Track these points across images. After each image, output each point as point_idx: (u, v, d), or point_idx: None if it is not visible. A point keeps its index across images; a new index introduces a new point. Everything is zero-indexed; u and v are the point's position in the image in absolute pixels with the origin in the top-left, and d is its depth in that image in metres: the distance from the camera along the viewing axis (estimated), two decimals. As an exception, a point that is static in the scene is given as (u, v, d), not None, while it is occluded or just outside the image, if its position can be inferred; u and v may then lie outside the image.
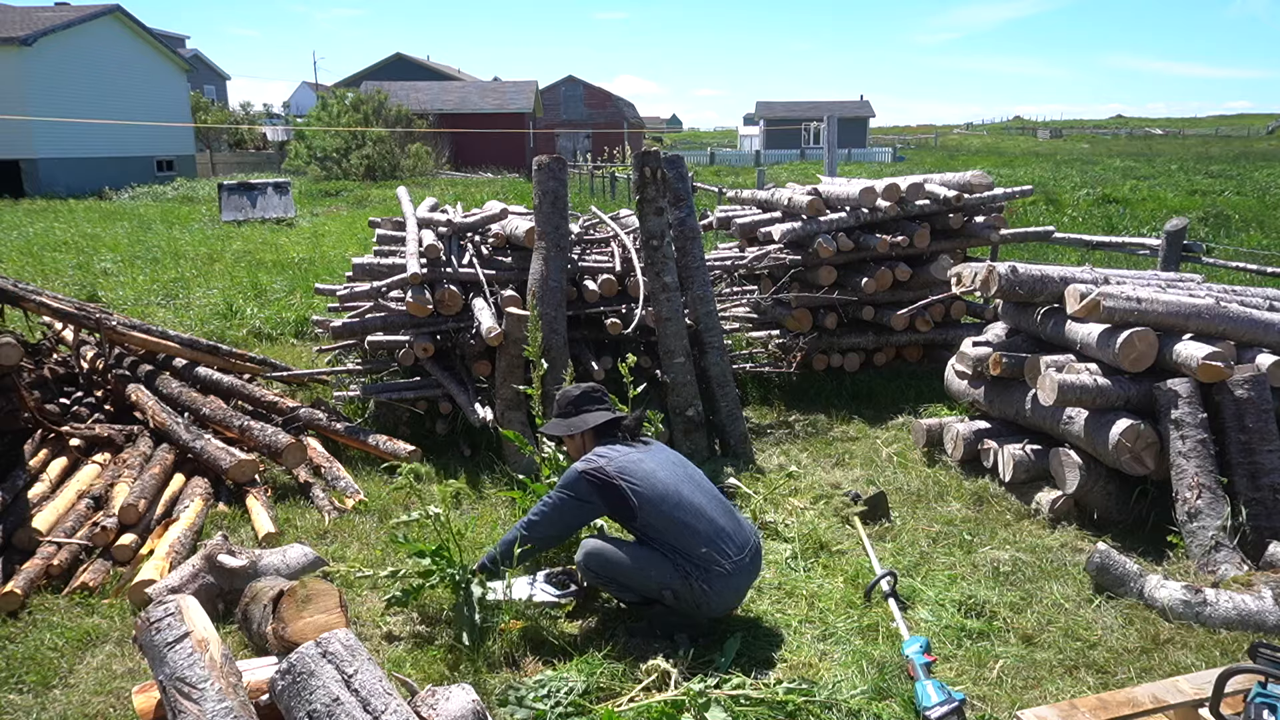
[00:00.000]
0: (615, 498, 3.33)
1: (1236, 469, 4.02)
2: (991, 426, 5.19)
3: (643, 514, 3.31)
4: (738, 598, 3.44)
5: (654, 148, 6.17)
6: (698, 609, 3.30)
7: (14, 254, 13.21)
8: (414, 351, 5.55)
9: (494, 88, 46.37)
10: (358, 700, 2.32)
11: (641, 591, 3.40)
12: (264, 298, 9.88)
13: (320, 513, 4.66)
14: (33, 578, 3.80)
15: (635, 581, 3.36)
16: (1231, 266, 7.63)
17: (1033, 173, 27.40)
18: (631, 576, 3.36)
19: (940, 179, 7.20)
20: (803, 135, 55.43)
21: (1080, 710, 2.57)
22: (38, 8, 30.98)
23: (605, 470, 3.35)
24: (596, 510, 3.44)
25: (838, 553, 4.16)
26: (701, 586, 3.25)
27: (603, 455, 3.43)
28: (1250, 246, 11.12)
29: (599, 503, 3.38)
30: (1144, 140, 60.21)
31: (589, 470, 3.37)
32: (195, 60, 52.10)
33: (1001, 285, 4.91)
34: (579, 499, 3.40)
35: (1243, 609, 3.43)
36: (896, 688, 3.07)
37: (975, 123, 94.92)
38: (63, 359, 5.85)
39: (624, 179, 22.45)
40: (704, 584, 3.25)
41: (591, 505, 3.40)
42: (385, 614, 3.59)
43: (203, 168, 35.95)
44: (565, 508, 3.42)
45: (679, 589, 3.27)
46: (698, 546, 3.26)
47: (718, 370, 5.47)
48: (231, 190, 19.47)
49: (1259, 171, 26.97)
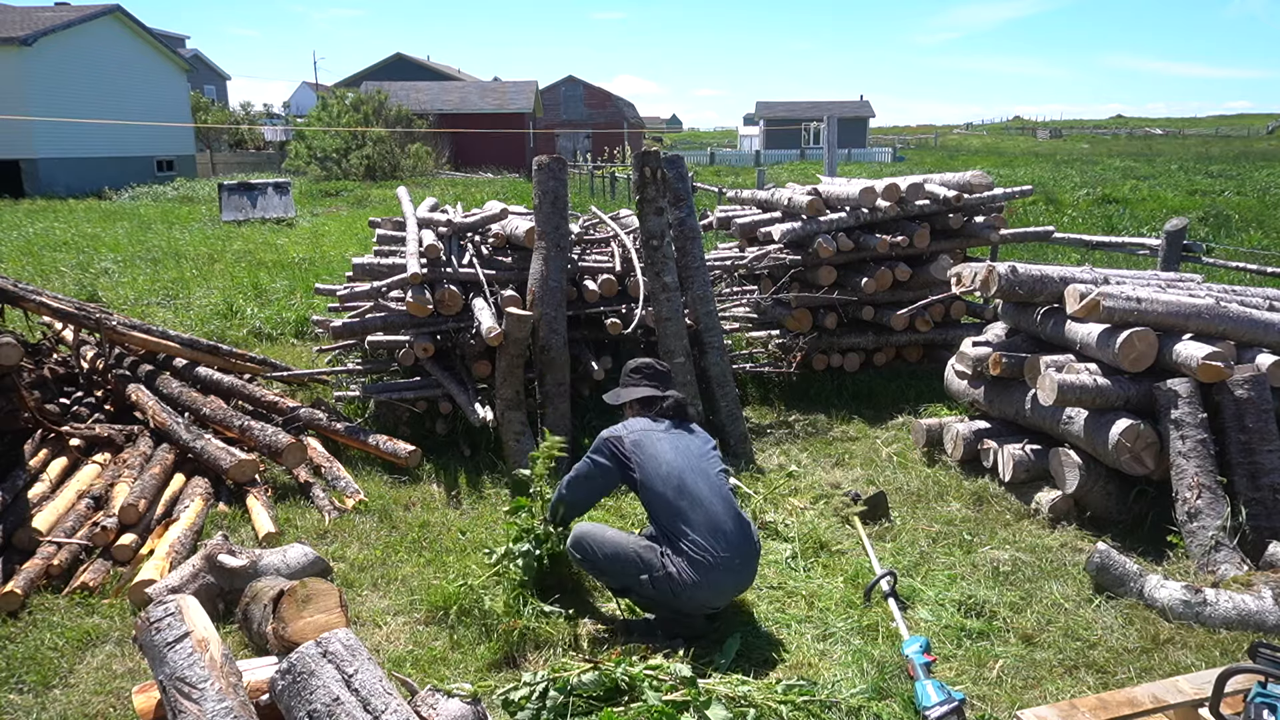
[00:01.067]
0: (623, 467, 3.53)
1: (1236, 469, 4.02)
2: (991, 426, 5.19)
3: (642, 489, 3.46)
4: (719, 596, 3.41)
5: (654, 148, 6.17)
6: (674, 597, 3.32)
7: (14, 254, 13.21)
8: (414, 351, 5.55)
9: (494, 88, 46.36)
10: (358, 700, 2.32)
11: (619, 577, 3.46)
12: (264, 298, 9.88)
13: (320, 513, 4.66)
14: (33, 578, 3.80)
15: (613, 567, 3.44)
16: (1231, 266, 7.63)
17: (1032, 173, 27.42)
18: (611, 561, 3.44)
19: (940, 179, 7.20)
20: (803, 135, 55.41)
21: (1080, 710, 2.56)
22: (38, 8, 31.00)
23: (622, 441, 3.56)
24: (613, 476, 3.59)
25: (837, 552, 4.17)
26: (681, 576, 3.28)
27: (628, 427, 3.63)
28: (1250, 246, 11.12)
29: (615, 469, 3.56)
30: (1144, 140, 60.21)
31: (610, 438, 3.60)
32: (195, 60, 52.12)
33: (1001, 285, 4.91)
34: (601, 464, 3.59)
35: (1243, 609, 3.43)
36: (896, 687, 3.07)
37: (975, 123, 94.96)
38: (63, 359, 5.85)
39: (624, 179, 22.46)
40: (683, 572, 3.28)
41: (610, 470, 3.57)
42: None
43: (203, 168, 35.94)
44: (590, 471, 3.64)
45: (657, 576, 3.31)
46: (687, 533, 3.31)
47: (718, 370, 5.47)
48: (231, 190, 19.46)
49: (1259, 171, 26.98)
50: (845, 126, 45.46)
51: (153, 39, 33.59)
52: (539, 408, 5.28)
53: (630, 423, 3.67)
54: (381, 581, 3.96)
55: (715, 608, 3.47)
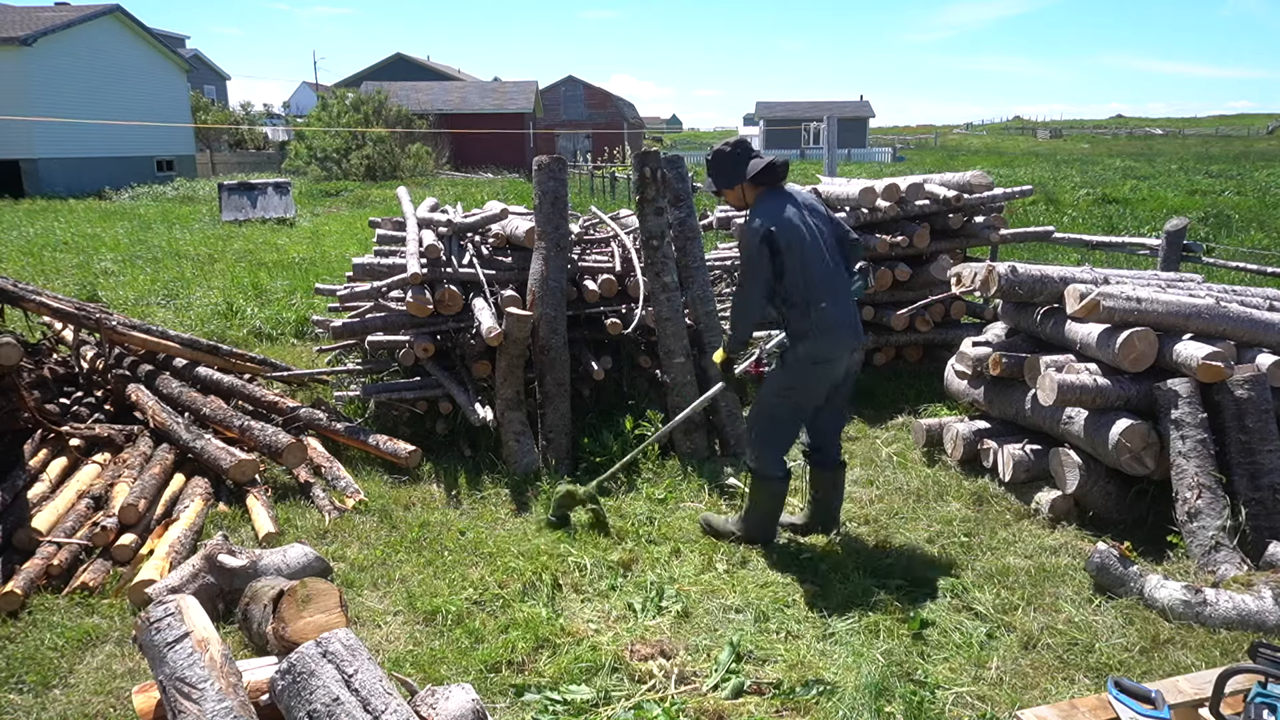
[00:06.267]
0: (772, 246, 3.82)
1: (1236, 469, 4.02)
2: (991, 426, 5.19)
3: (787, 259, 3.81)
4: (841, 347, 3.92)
5: (654, 148, 6.16)
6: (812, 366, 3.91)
7: (14, 254, 13.20)
8: (414, 351, 5.55)
9: (494, 88, 46.35)
10: (358, 700, 2.32)
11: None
12: (264, 298, 9.88)
13: (320, 513, 4.66)
14: (33, 578, 3.80)
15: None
16: (1231, 266, 7.63)
17: (1032, 173, 27.41)
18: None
19: (940, 179, 7.20)
20: (802, 135, 55.37)
21: (1080, 710, 2.56)
22: (38, 8, 30.95)
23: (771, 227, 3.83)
24: (767, 261, 3.84)
25: (840, 550, 4.16)
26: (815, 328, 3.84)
27: (762, 212, 3.88)
28: (1250, 246, 11.12)
29: (767, 252, 3.82)
30: (1144, 140, 60.18)
31: (756, 226, 3.85)
32: (195, 60, 52.08)
33: (1001, 285, 4.91)
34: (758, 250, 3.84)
35: (1243, 609, 3.43)
36: (897, 687, 3.07)
37: (975, 123, 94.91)
38: (63, 359, 5.85)
39: (624, 179, 22.45)
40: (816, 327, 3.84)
41: (764, 255, 3.83)
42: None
43: (203, 168, 35.90)
44: (754, 265, 3.87)
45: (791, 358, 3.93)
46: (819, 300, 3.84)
47: (718, 370, 5.46)
48: (232, 190, 19.45)
49: (1259, 171, 26.98)
50: (845, 126, 45.40)
51: (153, 39, 33.57)
52: (539, 408, 5.28)
53: (761, 210, 3.89)
54: (381, 581, 3.95)
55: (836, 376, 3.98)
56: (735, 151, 4.05)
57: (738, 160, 4.03)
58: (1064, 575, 3.92)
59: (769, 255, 3.82)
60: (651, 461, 5.21)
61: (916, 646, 3.37)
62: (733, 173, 4.03)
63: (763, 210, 3.89)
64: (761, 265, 3.83)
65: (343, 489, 4.90)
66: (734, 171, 4.03)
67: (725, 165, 4.06)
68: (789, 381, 4.00)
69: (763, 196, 3.97)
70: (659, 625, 3.53)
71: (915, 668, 3.23)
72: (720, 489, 4.87)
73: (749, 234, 3.88)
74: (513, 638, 3.40)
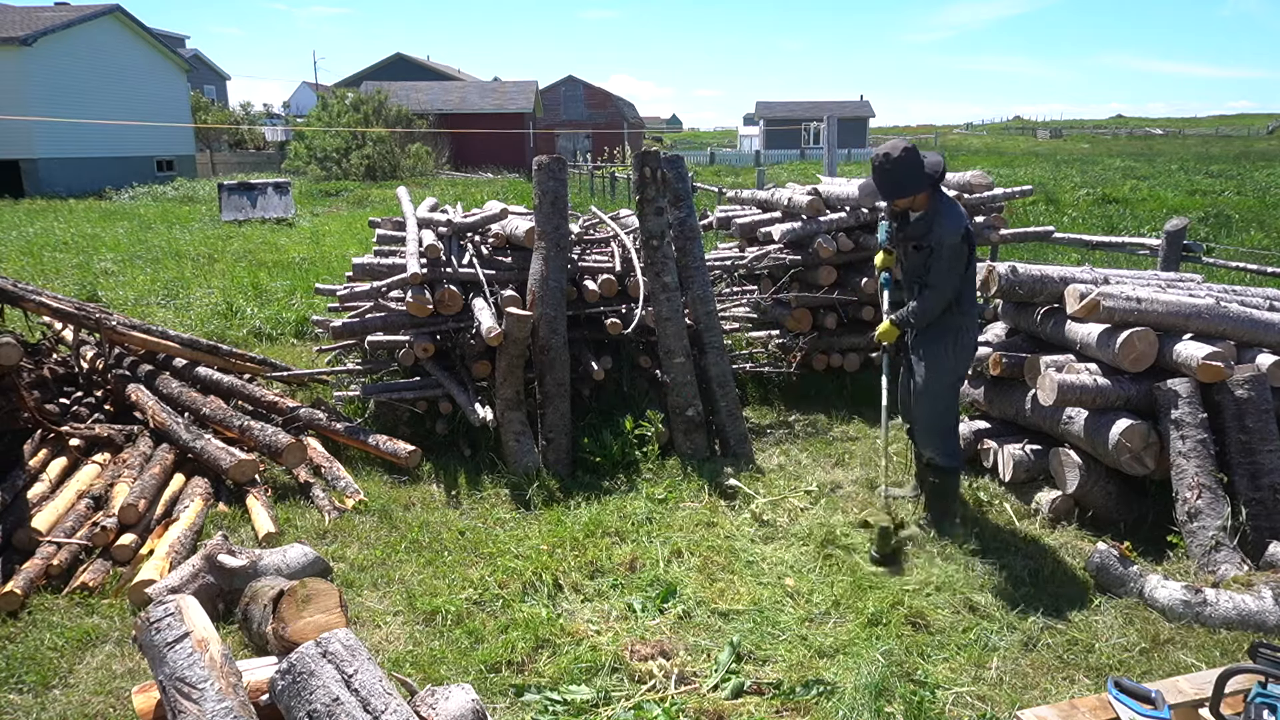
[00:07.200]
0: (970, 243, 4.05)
1: (1236, 469, 4.02)
2: (991, 426, 5.19)
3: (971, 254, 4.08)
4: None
5: (654, 148, 6.16)
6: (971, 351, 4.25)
7: (14, 254, 13.20)
8: (414, 351, 5.55)
9: (494, 88, 46.35)
10: (358, 700, 2.32)
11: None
12: (264, 298, 9.88)
13: (320, 513, 4.66)
14: (33, 578, 3.80)
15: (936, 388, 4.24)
16: (1231, 266, 7.62)
17: (1033, 173, 27.40)
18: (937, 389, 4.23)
19: (940, 179, 7.19)
20: (803, 135, 55.40)
21: (1080, 710, 2.56)
22: (38, 8, 30.95)
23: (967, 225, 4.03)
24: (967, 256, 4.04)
25: (841, 549, 4.16)
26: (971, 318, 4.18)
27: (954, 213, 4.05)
28: (1250, 246, 11.12)
29: (966, 250, 4.02)
30: (1144, 140, 60.16)
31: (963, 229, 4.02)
32: (195, 60, 52.09)
33: (1001, 285, 4.91)
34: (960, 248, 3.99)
35: (1243, 609, 3.43)
36: (897, 687, 3.07)
37: (975, 123, 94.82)
38: (63, 359, 5.85)
39: (624, 179, 22.45)
40: (972, 316, 4.19)
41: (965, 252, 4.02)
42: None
43: (203, 168, 35.91)
44: (955, 263, 4.01)
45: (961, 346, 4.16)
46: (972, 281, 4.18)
47: (718, 370, 5.47)
48: (231, 190, 19.45)
49: (1259, 171, 26.97)
50: (845, 126, 45.41)
51: (153, 39, 33.57)
52: (539, 408, 5.28)
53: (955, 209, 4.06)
54: (381, 581, 3.96)
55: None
56: (916, 155, 4.05)
57: (919, 163, 4.05)
58: (1064, 575, 3.92)
59: (968, 252, 4.05)
60: (651, 461, 5.21)
61: (916, 646, 3.38)
62: (922, 175, 4.05)
63: (953, 210, 4.07)
64: (961, 261, 4.03)
65: (343, 489, 4.90)
66: (922, 174, 4.05)
67: (915, 170, 4.04)
68: (960, 369, 4.27)
69: (940, 197, 4.10)
70: (659, 625, 3.53)
71: (915, 668, 3.23)
72: (720, 489, 4.86)
73: (949, 232, 4.00)
74: (512, 638, 3.40)
